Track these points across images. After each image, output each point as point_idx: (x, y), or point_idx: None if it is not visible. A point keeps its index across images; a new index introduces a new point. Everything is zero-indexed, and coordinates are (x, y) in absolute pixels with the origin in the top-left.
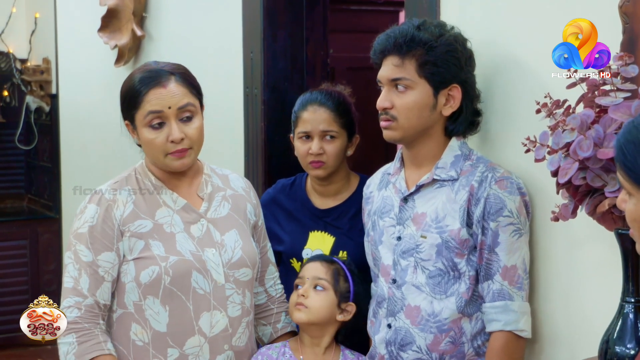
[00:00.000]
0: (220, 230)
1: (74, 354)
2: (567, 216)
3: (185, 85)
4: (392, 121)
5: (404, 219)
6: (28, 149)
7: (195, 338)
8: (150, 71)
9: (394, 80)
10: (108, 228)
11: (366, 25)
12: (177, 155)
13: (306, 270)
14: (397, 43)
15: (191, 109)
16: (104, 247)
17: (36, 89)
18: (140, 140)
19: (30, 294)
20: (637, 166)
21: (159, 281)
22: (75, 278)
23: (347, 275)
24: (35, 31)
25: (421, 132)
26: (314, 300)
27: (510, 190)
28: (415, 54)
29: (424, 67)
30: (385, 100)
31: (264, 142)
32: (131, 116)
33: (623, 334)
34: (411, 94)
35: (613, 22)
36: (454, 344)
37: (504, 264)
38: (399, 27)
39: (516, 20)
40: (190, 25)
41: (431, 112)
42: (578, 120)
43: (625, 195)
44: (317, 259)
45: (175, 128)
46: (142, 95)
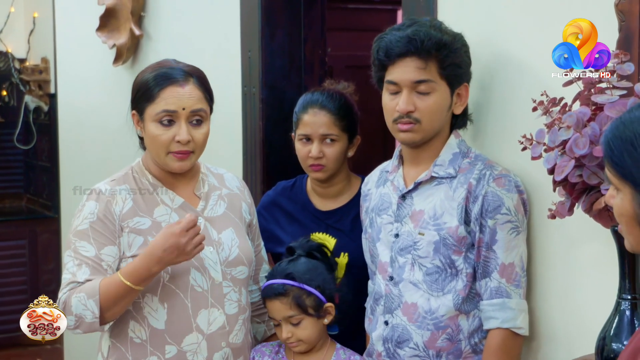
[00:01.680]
0: (217, 229)
1: (85, 297)
2: (564, 214)
3: (202, 90)
4: (415, 124)
5: (401, 217)
6: (27, 148)
7: (193, 335)
8: (170, 68)
9: (417, 83)
10: (109, 222)
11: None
12: (178, 157)
13: (272, 311)
14: (423, 46)
15: (202, 114)
16: (106, 240)
17: (35, 88)
18: (145, 133)
19: (29, 294)
20: (624, 161)
21: (158, 278)
22: (74, 273)
23: (304, 289)
24: (33, 31)
25: (437, 132)
26: (300, 334)
27: (508, 188)
28: (438, 56)
29: (447, 69)
30: (408, 103)
31: (262, 141)
32: (141, 108)
33: (619, 330)
34: (433, 96)
35: (609, 20)
36: (451, 341)
37: (502, 261)
38: (413, 28)
39: (513, 18)
40: (189, 24)
41: (447, 112)
42: (574, 118)
43: (613, 191)
44: (272, 297)
45: (184, 129)
46: (158, 91)
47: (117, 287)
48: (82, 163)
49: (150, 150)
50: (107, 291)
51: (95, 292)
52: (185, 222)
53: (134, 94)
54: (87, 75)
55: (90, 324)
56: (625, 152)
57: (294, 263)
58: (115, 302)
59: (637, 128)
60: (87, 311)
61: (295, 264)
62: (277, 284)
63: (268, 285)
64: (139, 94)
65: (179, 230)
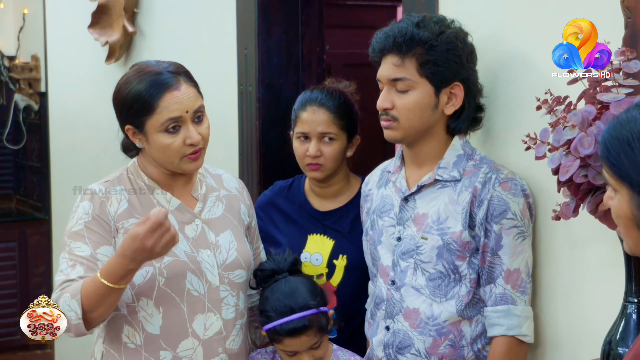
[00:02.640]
0: (214, 231)
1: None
2: (569, 215)
3: (192, 85)
4: (393, 121)
5: (404, 220)
6: (16, 148)
7: (189, 341)
8: (157, 74)
9: (394, 80)
10: (104, 222)
11: (363, 21)
12: (192, 158)
13: (295, 346)
14: (397, 42)
15: (202, 109)
16: (102, 240)
17: (25, 87)
18: (152, 145)
19: (19, 297)
20: (621, 162)
21: (153, 282)
22: (67, 273)
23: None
24: (23, 27)
25: (423, 131)
26: (319, 353)
27: (514, 192)
28: (415, 53)
29: (425, 67)
30: (385, 100)
31: (258, 140)
32: (140, 122)
33: (626, 334)
34: (412, 94)
35: (615, 17)
36: (453, 347)
37: (507, 267)
38: (397, 25)
39: (515, 14)
40: (183, 21)
41: (433, 112)
42: (579, 116)
43: (611, 192)
44: (297, 334)
45: (193, 131)
46: (156, 101)
47: (97, 287)
48: (73, 163)
49: (161, 158)
50: (88, 291)
51: (77, 292)
52: (149, 223)
53: (125, 109)
54: (78, 73)
55: (76, 326)
56: (622, 153)
57: (291, 288)
58: (97, 302)
59: (634, 128)
60: (72, 312)
61: (293, 290)
62: (298, 319)
63: (286, 323)
64: (134, 109)
65: (143, 232)
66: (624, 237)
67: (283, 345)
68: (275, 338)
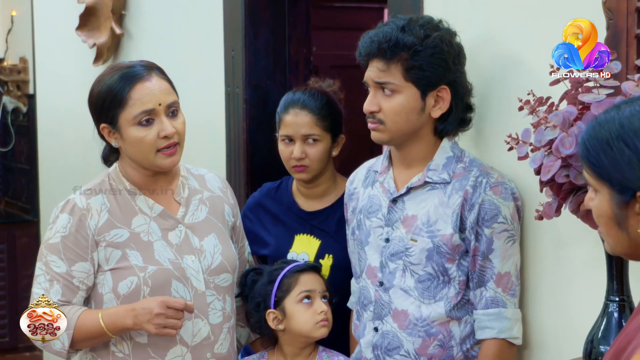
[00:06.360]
0: (198, 236)
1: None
2: (551, 215)
3: (166, 80)
4: (380, 124)
5: (392, 221)
6: (5, 150)
7: (177, 348)
8: (129, 67)
9: (380, 84)
10: (82, 238)
11: (350, 23)
12: (167, 153)
13: (312, 282)
14: (381, 48)
15: (177, 105)
16: (77, 257)
17: (13, 89)
18: (126, 140)
19: (7, 300)
20: (601, 161)
21: (138, 292)
22: (46, 289)
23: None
24: (11, 30)
25: (410, 134)
26: (329, 312)
27: (504, 196)
28: (400, 59)
29: (410, 72)
30: (372, 104)
31: (245, 142)
32: (113, 117)
33: (607, 333)
34: (398, 98)
35: (597, 18)
36: (442, 347)
37: (498, 270)
38: (382, 30)
39: (501, 15)
40: (171, 23)
41: (419, 115)
42: (560, 117)
43: (592, 193)
44: (311, 270)
45: (167, 123)
46: (126, 93)
47: (93, 325)
48: (62, 165)
49: (136, 154)
50: (83, 327)
51: (70, 327)
52: (174, 301)
53: (99, 106)
54: (66, 75)
55: (57, 352)
56: (601, 152)
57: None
58: (87, 338)
59: (612, 128)
60: (58, 341)
61: None
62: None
63: (307, 262)
64: (106, 104)
65: (161, 300)
66: (604, 236)
67: (300, 283)
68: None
